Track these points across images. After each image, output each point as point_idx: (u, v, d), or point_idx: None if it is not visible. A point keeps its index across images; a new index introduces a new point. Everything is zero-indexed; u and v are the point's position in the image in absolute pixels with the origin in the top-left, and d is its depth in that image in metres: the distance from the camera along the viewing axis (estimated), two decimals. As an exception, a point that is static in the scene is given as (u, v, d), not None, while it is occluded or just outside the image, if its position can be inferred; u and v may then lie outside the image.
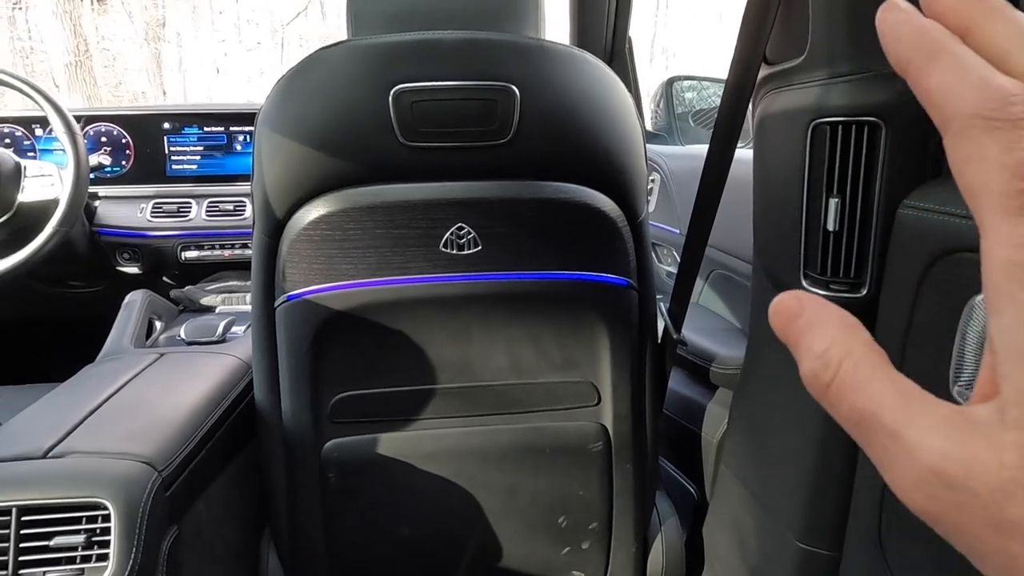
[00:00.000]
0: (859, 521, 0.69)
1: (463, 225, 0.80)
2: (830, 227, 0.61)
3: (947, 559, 0.57)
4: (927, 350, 0.57)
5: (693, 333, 1.07)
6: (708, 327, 1.12)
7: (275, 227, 0.80)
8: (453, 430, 0.90)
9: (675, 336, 0.92)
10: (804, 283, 0.66)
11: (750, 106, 0.76)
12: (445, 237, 0.80)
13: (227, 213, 1.46)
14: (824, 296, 0.65)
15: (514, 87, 0.75)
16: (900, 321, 0.59)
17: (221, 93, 10.02)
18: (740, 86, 0.75)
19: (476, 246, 0.81)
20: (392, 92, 0.74)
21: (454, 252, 0.81)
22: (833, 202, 0.60)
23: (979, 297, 0.51)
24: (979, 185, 0.14)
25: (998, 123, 0.14)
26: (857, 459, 0.70)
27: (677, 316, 0.94)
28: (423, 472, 0.89)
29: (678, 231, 1.28)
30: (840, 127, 0.59)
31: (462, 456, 0.90)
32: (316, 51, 0.77)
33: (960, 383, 0.54)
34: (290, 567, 0.91)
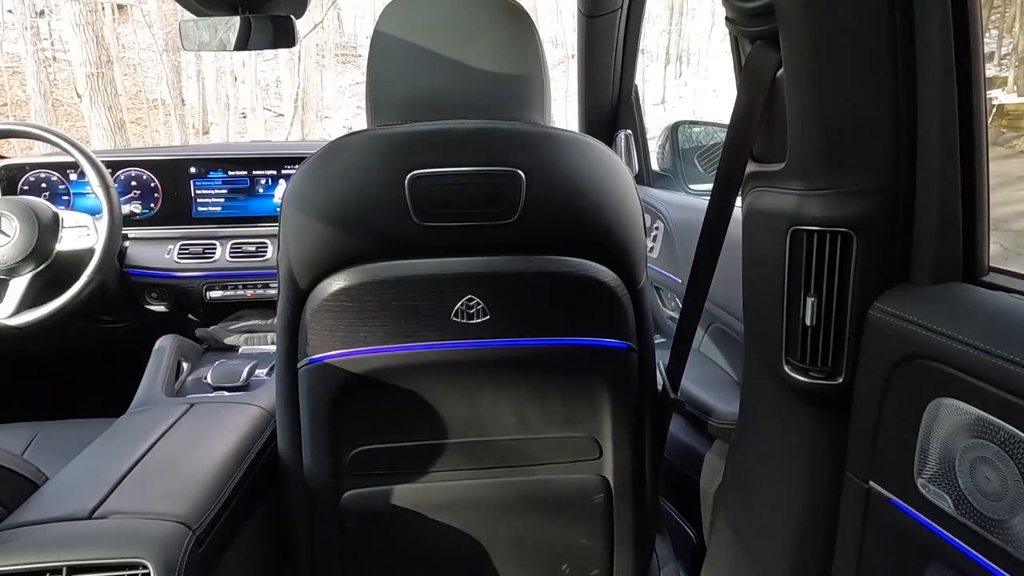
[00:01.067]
0: None
1: (472, 296, 0.86)
2: (807, 322, 0.67)
3: None
4: (894, 442, 0.62)
5: (693, 384, 1.13)
6: (707, 379, 1.17)
7: (298, 297, 0.86)
8: (463, 482, 0.96)
9: (672, 396, 0.97)
10: (786, 368, 0.72)
11: (740, 193, 0.82)
12: (456, 307, 0.86)
13: (250, 254, 1.53)
14: (805, 381, 0.71)
15: (520, 172, 0.81)
16: (872, 410, 0.64)
17: (239, 100, 10.17)
18: (732, 170, 0.81)
19: (485, 315, 0.87)
20: (408, 177, 0.80)
21: (464, 321, 0.87)
22: (810, 300, 0.66)
23: (940, 400, 0.56)
24: None
25: None
26: (838, 523, 0.75)
27: (675, 375, 0.99)
28: (434, 521, 0.95)
29: (679, 280, 1.33)
30: (816, 235, 0.64)
31: (471, 507, 0.96)
32: (338, 138, 0.84)
33: (923, 477, 0.59)
34: None
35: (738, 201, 0.84)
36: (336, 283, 0.84)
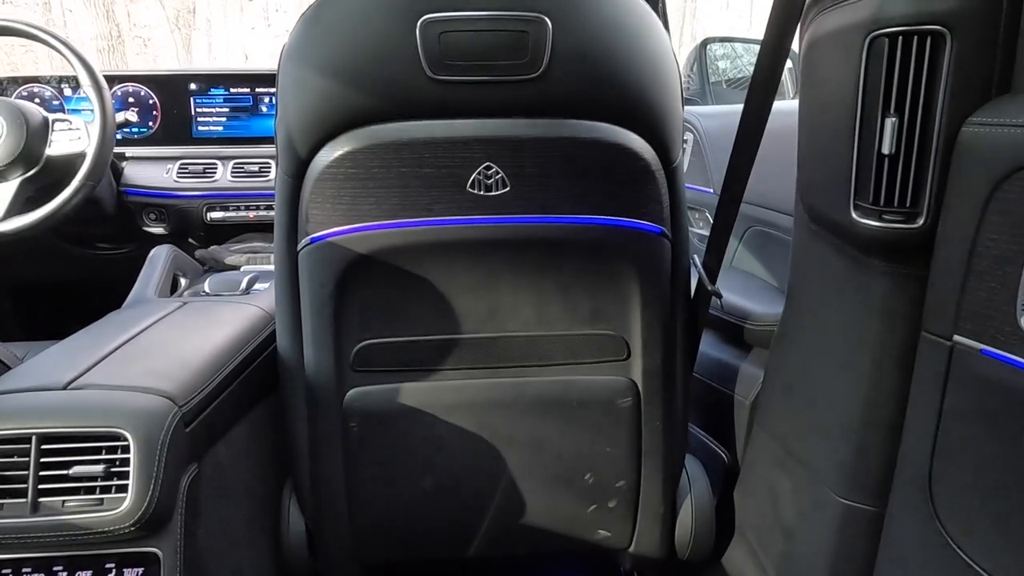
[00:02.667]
0: (907, 473, 0.65)
1: (491, 164, 0.77)
2: (885, 150, 0.57)
3: (1002, 509, 0.53)
4: (991, 281, 0.52)
5: (727, 291, 1.03)
6: (742, 286, 1.08)
7: (298, 166, 0.78)
8: (477, 381, 0.88)
9: (710, 288, 0.88)
10: (854, 214, 0.62)
11: (796, 36, 0.72)
12: (472, 177, 0.77)
13: (252, 175, 1.45)
14: (877, 227, 0.61)
15: (546, 18, 0.72)
16: (961, 251, 0.55)
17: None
18: (783, 20, 0.71)
19: (504, 187, 0.78)
20: (420, 22, 0.71)
21: (481, 193, 0.78)
22: (890, 122, 0.56)
23: None
24: None
25: None
26: (907, 409, 0.66)
27: (712, 269, 0.90)
28: (446, 423, 0.87)
29: (712, 191, 1.24)
30: (900, 38, 0.55)
31: (486, 408, 0.88)
32: None
33: (1022, 310, 0.50)
34: (311, 516, 0.89)
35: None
36: (339, 148, 0.75)
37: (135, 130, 1.48)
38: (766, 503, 0.89)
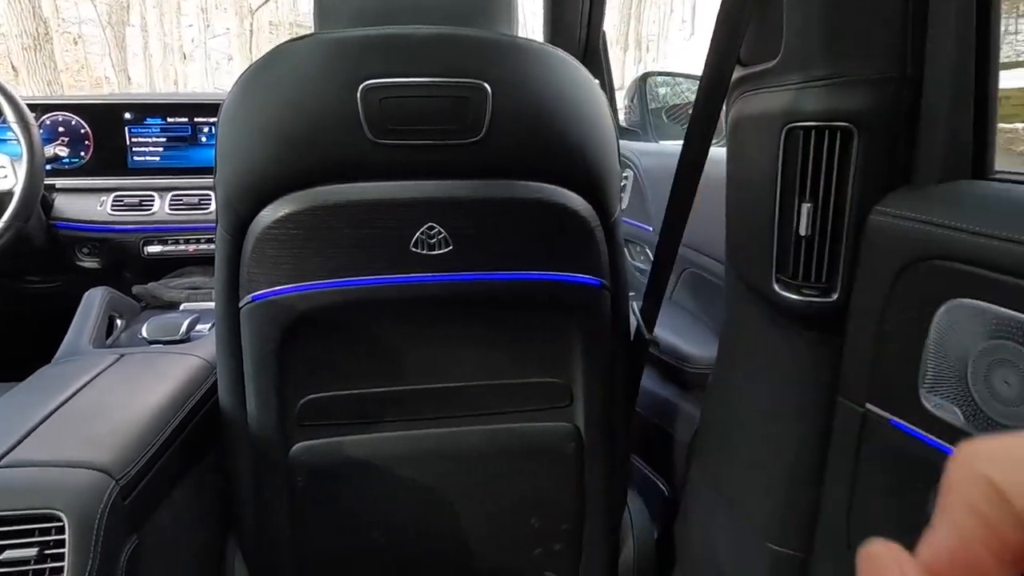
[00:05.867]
0: (828, 523, 0.70)
1: (434, 225, 0.79)
2: (802, 232, 0.61)
3: None
4: (897, 357, 0.57)
5: (666, 332, 1.07)
6: (681, 326, 1.12)
7: (238, 225, 0.77)
8: (424, 432, 0.89)
9: (647, 336, 0.92)
10: (776, 287, 0.66)
11: (724, 106, 0.76)
12: (415, 237, 0.78)
13: (192, 207, 1.42)
14: (796, 299, 0.66)
15: (486, 84, 0.74)
16: (870, 326, 0.59)
17: (188, 80, 9.81)
18: (715, 85, 0.75)
19: (447, 246, 0.79)
20: (361, 88, 0.72)
21: (424, 252, 0.79)
22: (805, 207, 0.60)
23: (954, 302, 0.51)
24: None
25: None
26: (827, 461, 0.70)
27: (650, 315, 0.93)
28: (394, 475, 0.88)
29: (651, 229, 1.27)
30: (813, 132, 0.59)
31: (433, 458, 0.89)
32: (281, 44, 0.75)
33: (929, 391, 0.54)
34: (257, 573, 0.89)
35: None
36: (281, 209, 0.75)
37: (66, 161, 1.43)
38: (701, 540, 0.93)
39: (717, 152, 0.84)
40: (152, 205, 1.41)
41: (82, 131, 1.43)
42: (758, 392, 0.77)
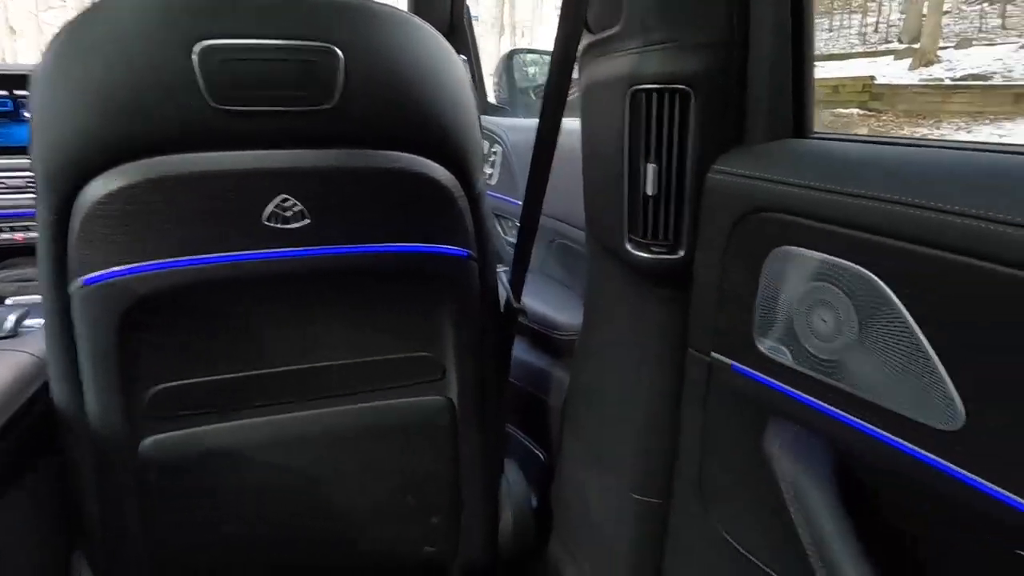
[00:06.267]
0: (684, 471, 0.74)
1: (288, 197, 0.75)
2: (649, 191, 0.64)
3: (757, 504, 0.62)
4: (734, 306, 0.61)
5: (536, 302, 1.09)
6: (552, 296, 1.15)
7: (62, 203, 0.70)
8: (290, 416, 0.85)
9: (516, 305, 0.93)
10: (628, 246, 0.69)
11: (575, 75, 0.77)
12: (268, 210, 0.74)
13: (17, 190, 1.27)
14: (647, 257, 0.69)
15: (337, 49, 0.71)
16: (713, 279, 0.63)
17: (18, 57, 8.80)
18: (564, 55, 0.76)
19: (304, 219, 0.76)
20: (197, 49, 0.67)
21: (279, 226, 0.75)
22: (651, 167, 0.63)
23: (780, 249, 0.55)
24: None
25: None
26: (680, 415, 0.74)
27: (517, 285, 0.95)
28: (259, 464, 0.84)
29: (519, 203, 1.29)
30: (655, 94, 0.61)
31: (301, 443, 0.86)
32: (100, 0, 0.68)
33: (762, 335, 0.59)
34: None
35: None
36: (112, 183, 0.69)
37: None
38: (577, 501, 0.97)
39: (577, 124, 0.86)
40: (-32, 189, 1.25)
41: None
42: (618, 350, 0.80)
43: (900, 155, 0.52)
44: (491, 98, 1.68)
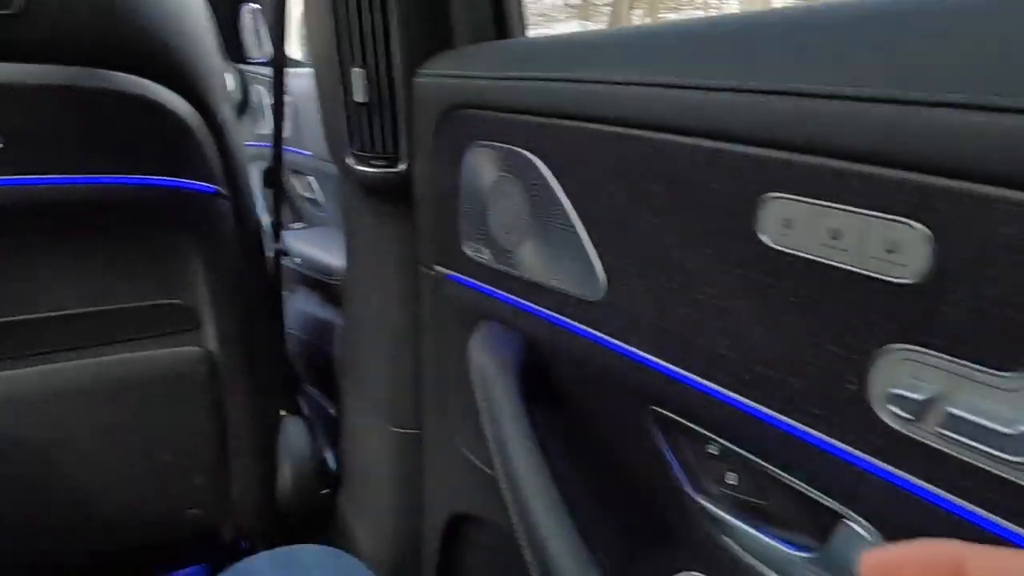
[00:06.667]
0: (429, 396, 0.73)
1: None
2: (359, 98, 0.62)
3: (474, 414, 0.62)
4: (445, 213, 0.60)
5: (315, 247, 1.05)
6: (330, 243, 1.11)
7: None
8: (11, 373, 0.76)
9: (275, 245, 0.88)
10: (350, 161, 0.66)
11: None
12: None
13: None
14: (369, 172, 0.66)
15: None
16: (430, 191, 0.62)
17: None
18: None
19: None
20: None
21: None
22: (357, 72, 0.61)
23: (474, 145, 0.55)
24: None
25: None
26: (423, 339, 0.73)
27: (276, 226, 0.90)
28: None
29: (310, 154, 1.24)
30: None
31: (28, 403, 0.76)
32: None
33: (466, 238, 0.58)
34: None
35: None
36: None
37: None
38: (356, 446, 0.94)
39: None
40: None
41: None
42: (367, 280, 0.78)
43: (588, 42, 0.52)
44: (298, 53, 1.60)
